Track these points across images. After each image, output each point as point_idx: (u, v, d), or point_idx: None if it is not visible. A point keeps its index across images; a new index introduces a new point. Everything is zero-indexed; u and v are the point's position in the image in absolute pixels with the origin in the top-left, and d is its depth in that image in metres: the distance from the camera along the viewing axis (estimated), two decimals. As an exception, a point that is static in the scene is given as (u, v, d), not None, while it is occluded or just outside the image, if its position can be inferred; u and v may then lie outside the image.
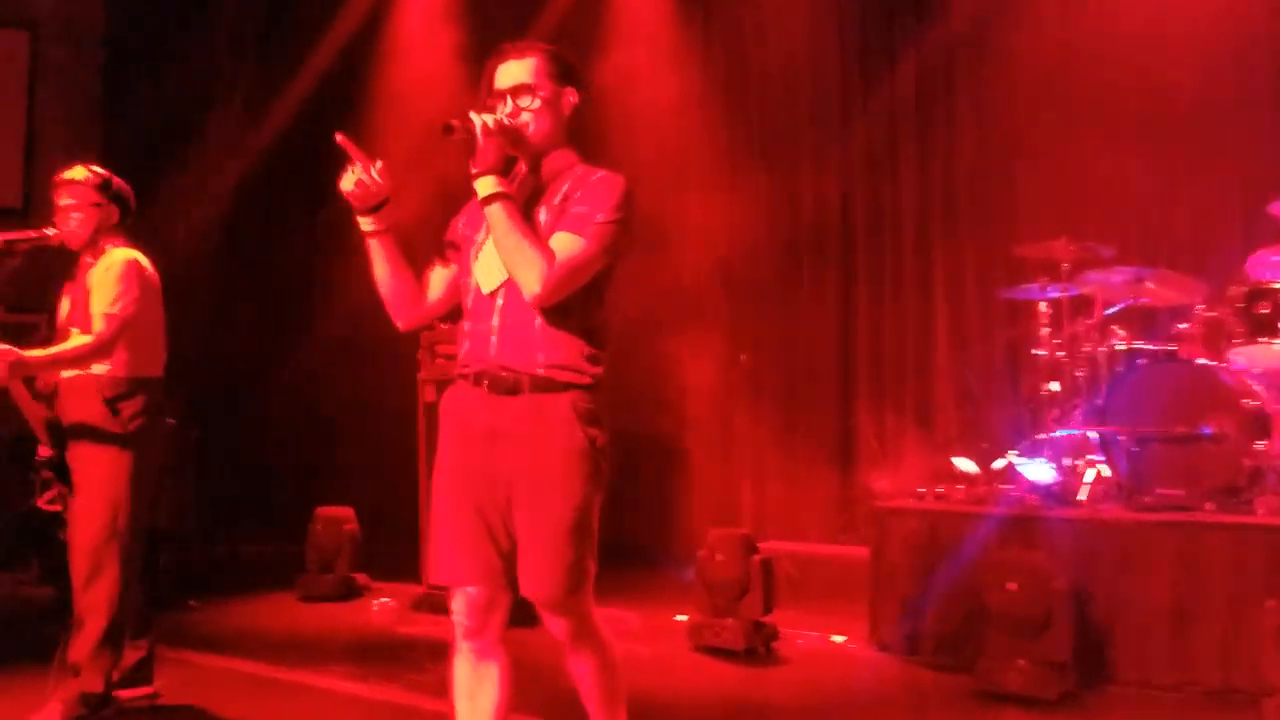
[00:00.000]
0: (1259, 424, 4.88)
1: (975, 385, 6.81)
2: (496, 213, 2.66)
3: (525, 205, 2.75)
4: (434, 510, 2.83)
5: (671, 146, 7.98)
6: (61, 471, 3.87)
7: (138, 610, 4.06)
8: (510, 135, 2.72)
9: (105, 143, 7.55)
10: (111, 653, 3.91)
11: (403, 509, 6.67)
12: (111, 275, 3.95)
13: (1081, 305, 5.92)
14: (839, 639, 5.32)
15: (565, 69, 2.84)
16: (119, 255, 4.01)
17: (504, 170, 2.70)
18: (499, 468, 2.73)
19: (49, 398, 3.94)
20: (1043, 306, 5.87)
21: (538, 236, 2.66)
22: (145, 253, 4.11)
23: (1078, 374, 5.68)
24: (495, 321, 2.74)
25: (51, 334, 4.11)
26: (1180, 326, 5.48)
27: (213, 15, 8.08)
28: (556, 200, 2.75)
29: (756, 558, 5.11)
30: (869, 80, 7.75)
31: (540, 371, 2.70)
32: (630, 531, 8.27)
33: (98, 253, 4.03)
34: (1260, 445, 4.84)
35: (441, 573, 2.81)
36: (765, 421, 7.92)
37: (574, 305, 2.71)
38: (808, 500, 7.45)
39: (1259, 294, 5.14)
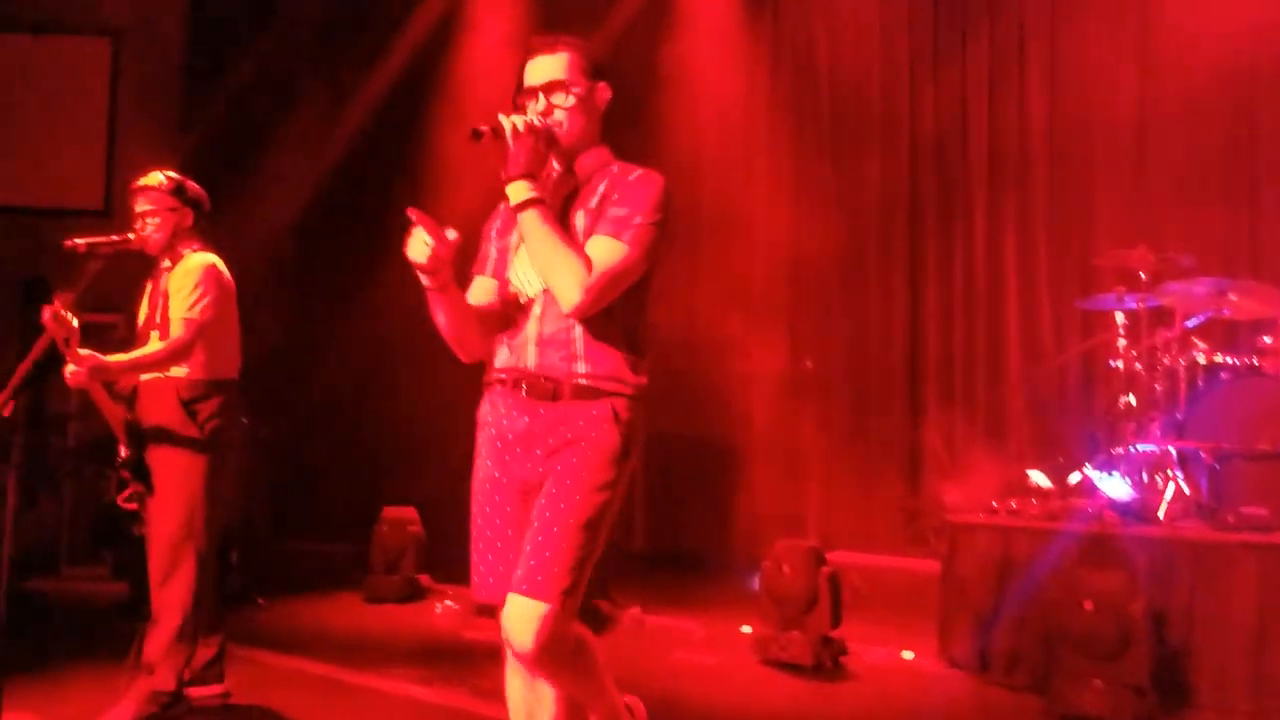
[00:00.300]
0: (1349, 442, 4.74)
1: (1049, 396, 6.69)
2: (530, 220, 2.56)
3: (561, 207, 2.66)
4: (473, 525, 2.75)
5: (738, 143, 7.94)
6: (140, 471, 3.93)
7: (210, 608, 4.12)
8: (542, 136, 2.62)
9: (185, 146, 7.70)
10: (185, 651, 3.96)
11: (467, 510, 6.71)
12: (190, 279, 4.02)
13: (1161, 316, 5.79)
14: (908, 655, 5.24)
15: (598, 63, 2.74)
16: (196, 260, 4.08)
17: (536, 173, 2.60)
18: (534, 474, 2.64)
19: (129, 399, 4.01)
20: (1120, 317, 5.75)
21: (575, 243, 2.56)
22: (221, 254, 4.18)
23: (1156, 387, 5.54)
24: (533, 329, 2.66)
25: (131, 336, 4.19)
26: (1264, 340, 5.33)
27: (291, 19, 8.20)
28: (593, 202, 2.65)
29: (824, 570, 5.05)
30: (940, 80, 7.65)
31: (582, 381, 2.62)
32: (692, 539, 8.26)
33: (175, 257, 4.10)
34: (1349, 464, 4.70)
35: (484, 590, 2.68)
36: (832, 428, 7.86)
37: (615, 311, 2.61)
38: (876, 511, 7.36)
39: (1351, 307, 4.98)
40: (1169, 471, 5.13)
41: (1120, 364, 5.69)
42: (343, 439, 9.02)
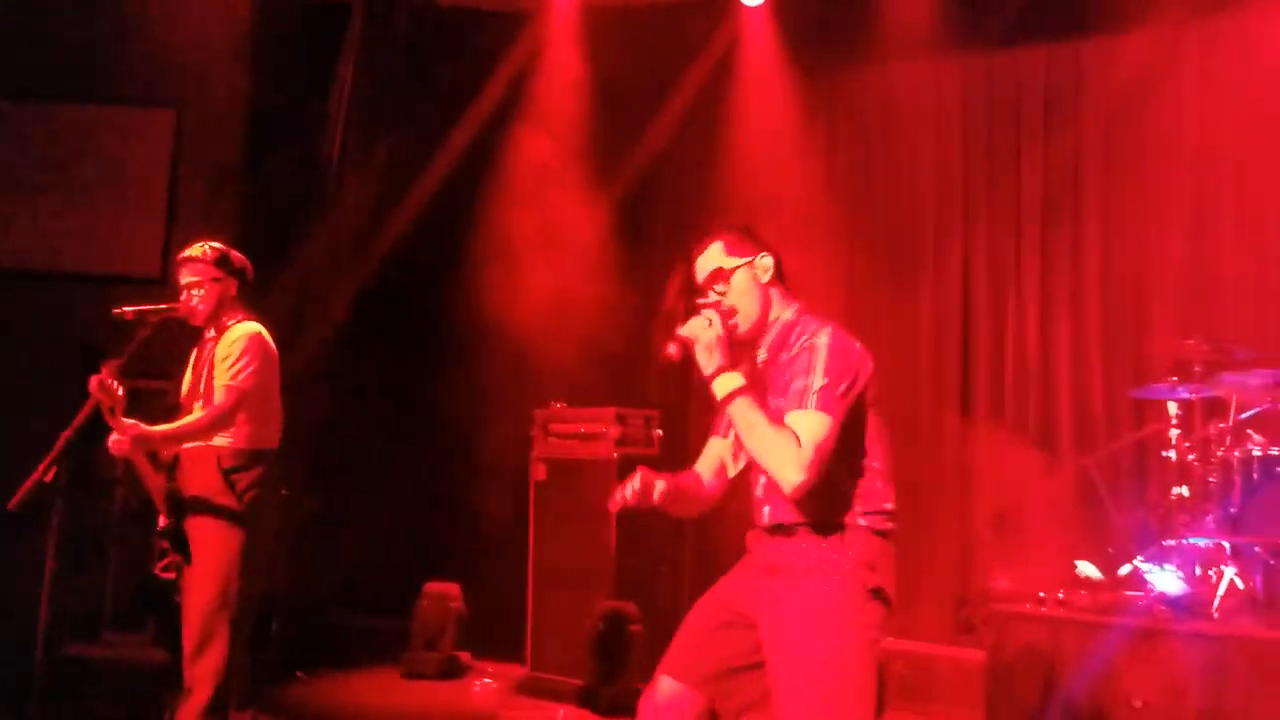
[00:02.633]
0: None
1: (1101, 486, 6.55)
2: (737, 412, 2.69)
3: (766, 383, 2.80)
4: None
5: (792, 241, 7.91)
6: (178, 541, 3.96)
7: (243, 681, 4.10)
8: (723, 329, 2.74)
9: (243, 214, 7.85)
10: (216, 720, 3.95)
11: (510, 588, 6.68)
12: (235, 348, 4.07)
13: (1215, 407, 5.67)
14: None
15: (748, 234, 2.91)
16: (240, 330, 4.13)
17: (730, 364, 2.72)
18: None
19: (170, 468, 4.05)
20: (1173, 407, 5.64)
21: (781, 429, 2.64)
22: (270, 325, 4.23)
23: (1210, 479, 5.41)
24: (760, 491, 2.86)
25: (176, 405, 4.24)
26: (1323, 434, 5.20)
27: (353, 88, 8.37)
28: (784, 371, 2.77)
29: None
30: (995, 181, 7.60)
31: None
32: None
33: (221, 328, 4.16)
34: None
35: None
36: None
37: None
38: (922, 597, 7.21)
39: None
40: (1222, 566, 4.99)
41: (1173, 454, 5.57)
42: (388, 512, 9.03)
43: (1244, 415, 5.48)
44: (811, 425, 2.63)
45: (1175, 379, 5.60)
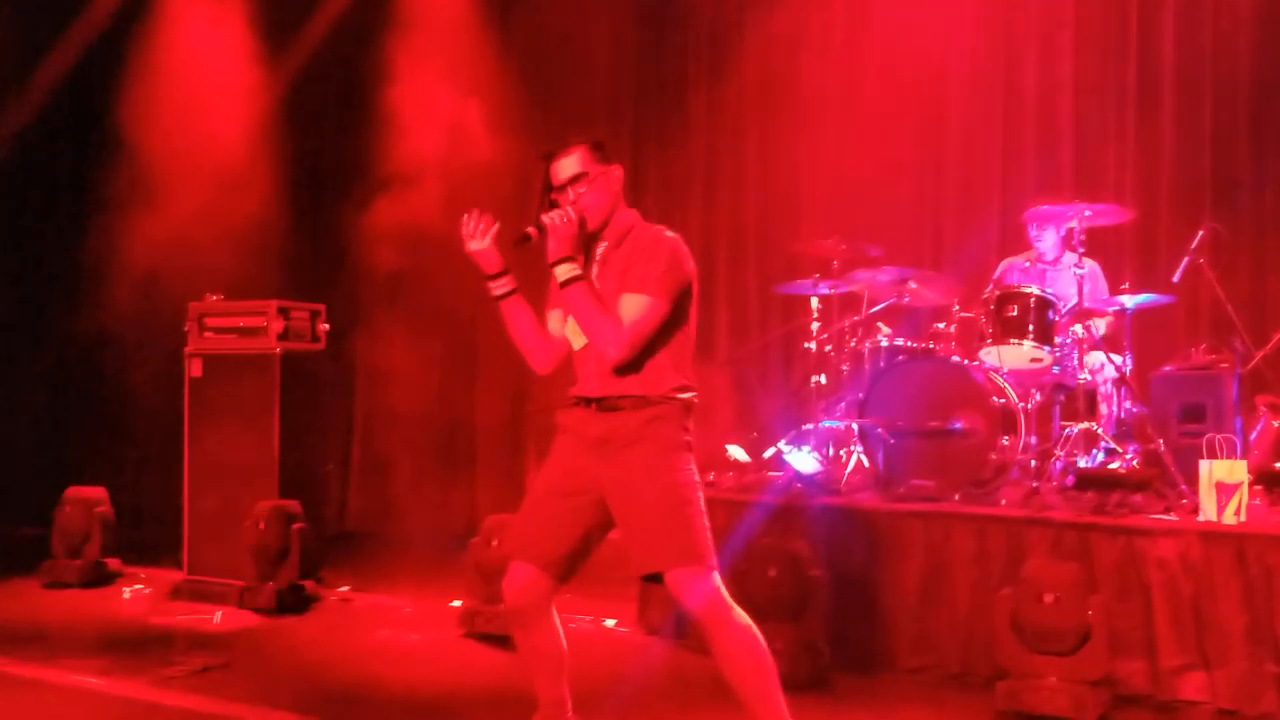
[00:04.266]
0: (1006, 421, 5.18)
1: (751, 376, 7.01)
2: (572, 295, 3.13)
3: (605, 270, 3.23)
4: None
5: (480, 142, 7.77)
6: None
7: None
8: (576, 223, 3.16)
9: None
10: None
11: (168, 491, 6.38)
12: None
13: (851, 302, 6.17)
14: (610, 623, 5.37)
15: (603, 148, 3.30)
16: None
17: (575, 254, 3.14)
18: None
19: None
20: (814, 302, 6.08)
21: (608, 311, 3.12)
22: None
23: (843, 367, 5.91)
24: (592, 367, 3.24)
25: None
26: (938, 326, 5.76)
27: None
28: (622, 263, 3.19)
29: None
30: (664, 100, 7.85)
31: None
32: (413, 517, 8.20)
33: None
34: (1005, 441, 5.14)
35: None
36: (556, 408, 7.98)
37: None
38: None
39: (1008, 297, 5.43)
40: (851, 446, 5.48)
41: (813, 345, 6.03)
42: (24, 416, 8.38)
43: (874, 309, 5.99)
44: (638, 307, 3.11)
45: (817, 276, 6.03)
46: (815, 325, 6.04)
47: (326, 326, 6.28)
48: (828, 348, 6.00)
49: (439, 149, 6.93)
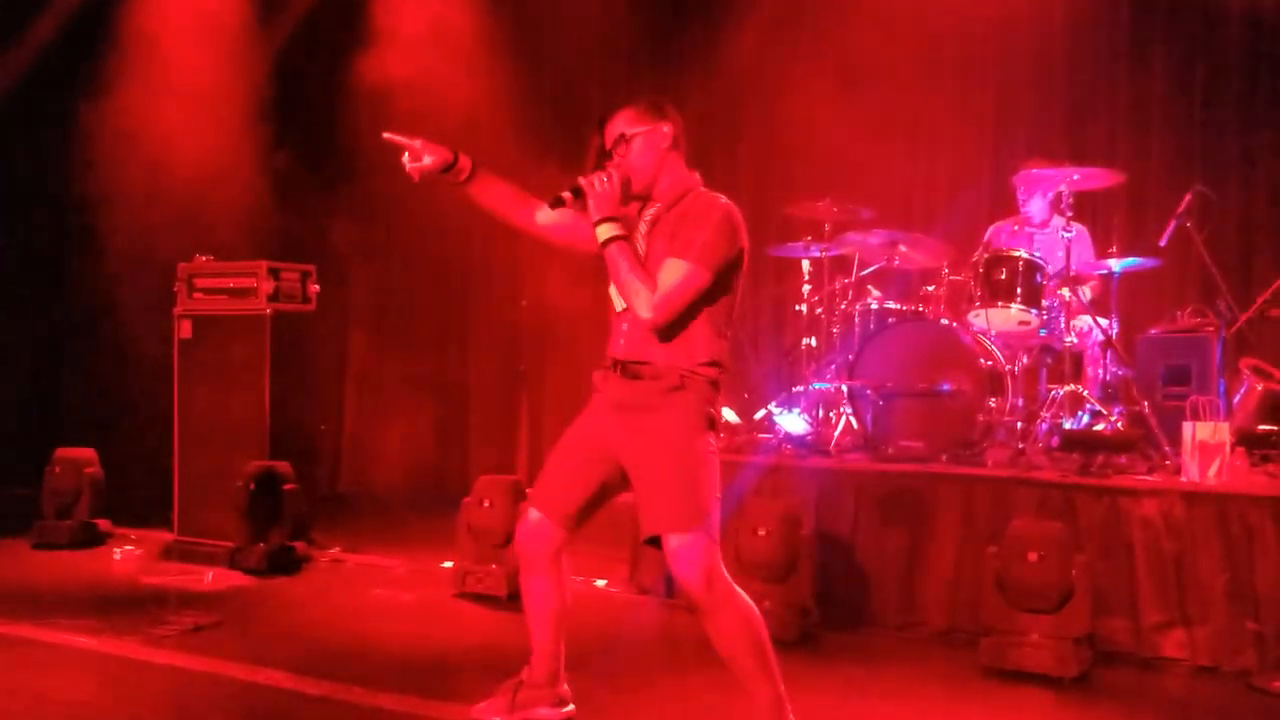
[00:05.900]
0: (993, 382, 5.23)
1: (742, 338, 7.02)
2: (610, 255, 3.11)
3: (654, 231, 3.18)
4: None
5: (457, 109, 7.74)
6: None
7: None
8: (617, 184, 3.13)
9: None
10: None
11: (159, 453, 6.39)
12: None
13: (841, 264, 6.18)
14: (601, 583, 5.42)
15: (654, 107, 3.23)
16: None
17: (616, 216, 3.12)
18: None
19: None
20: (806, 265, 6.10)
21: (644, 273, 3.08)
22: None
23: (834, 330, 5.94)
24: (625, 327, 3.22)
25: None
26: (927, 289, 5.78)
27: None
28: (672, 226, 3.13)
29: (524, 505, 5.12)
30: (648, 32, 7.80)
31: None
32: (400, 478, 8.23)
33: None
34: (993, 402, 5.19)
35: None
36: (549, 367, 8.04)
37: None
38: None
39: (997, 261, 5.46)
40: (841, 408, 5.52)
41: (804, 308, 6.05)
42: (15, 378, 8.36)
43: (864, 272, 6.01)
44: (678, 273, 3.04)
45: (809, 239, 6.04)
46: (806, 288, 6.06)
47: (317, 287, 6.27)
48: (818, 310, 6.02)
49: (429, 109, 6.90)
